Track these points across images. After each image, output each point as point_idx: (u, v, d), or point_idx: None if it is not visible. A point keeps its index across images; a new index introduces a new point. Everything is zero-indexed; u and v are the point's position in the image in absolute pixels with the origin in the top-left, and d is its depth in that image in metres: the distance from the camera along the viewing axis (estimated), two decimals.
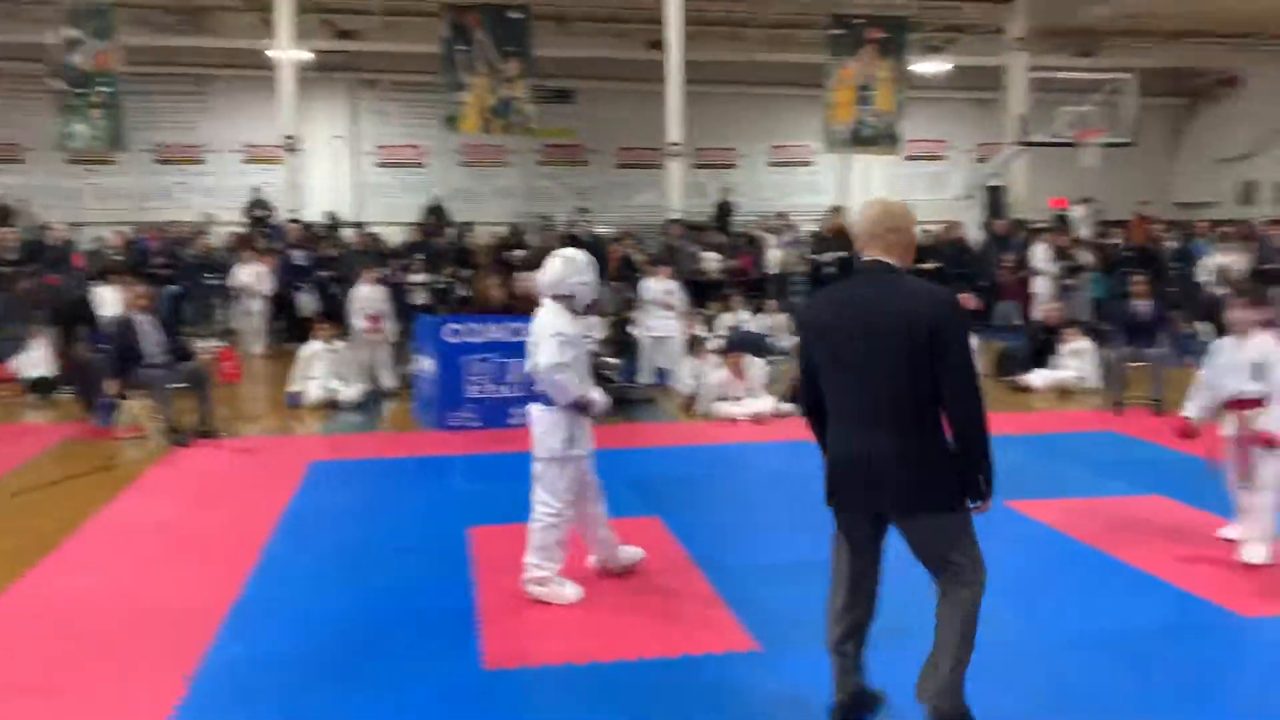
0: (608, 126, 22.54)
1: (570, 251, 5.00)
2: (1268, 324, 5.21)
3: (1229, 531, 5.46)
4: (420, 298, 14.47)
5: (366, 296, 10.50)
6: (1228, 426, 5.29)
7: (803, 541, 5.62)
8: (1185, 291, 14.78)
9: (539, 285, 4.92)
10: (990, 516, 6.05)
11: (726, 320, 13.20)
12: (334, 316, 11.19)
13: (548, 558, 4.77)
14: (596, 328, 12.67)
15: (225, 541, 5.66)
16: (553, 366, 4.65)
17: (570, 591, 4.78)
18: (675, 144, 17.75)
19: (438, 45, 16.92)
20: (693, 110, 18.13)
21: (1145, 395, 9.35)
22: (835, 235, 14.73)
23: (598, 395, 4.88)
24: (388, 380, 10.40)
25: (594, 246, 16.09)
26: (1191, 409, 5.49)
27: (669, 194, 18.21)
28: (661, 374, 10.93)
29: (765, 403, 9.07)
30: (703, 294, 14.46)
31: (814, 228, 17.07)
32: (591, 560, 5.16)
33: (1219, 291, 10.93)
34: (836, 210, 16.57)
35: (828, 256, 14.34)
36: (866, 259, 3.35)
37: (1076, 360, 10.64)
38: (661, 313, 10.58)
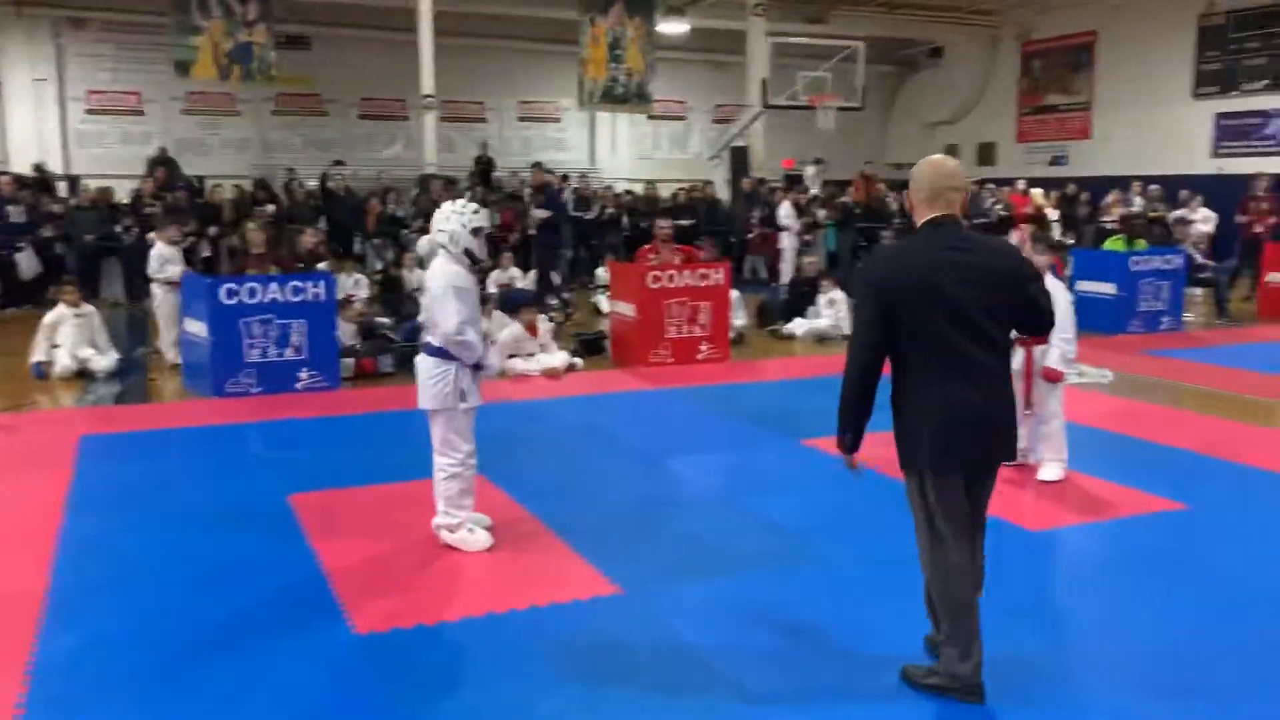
0: (348, 75, 21.55)
1: (459, 202, 4.92)
2: (1049, 267, 5.86)
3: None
4: None
5: (167, 256, 9.53)
6: (1014, 361, 5.91)
7: (631, 488, 5.87)
8: None
9: (432, 236, 4.83)
10: (798, 455, 6.52)
11: (497, 277, 13.15)
12: (64, 279, 10.18)
13: (455, 505, 4.83)
14: (364, 285, 12.32)
15: (9, 526, 5.15)
16: (460, 325, 4.61)
17: (480, 537, 4.84)
18: (429, 96, 17.31)
19: None
20: (440, 62, 17.73)
21: None
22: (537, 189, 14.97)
23: (493, 357, 4.88)
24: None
25: (350, 201, 15.57)
26: None
27: (424, 148, 17.77)
28: None
29: (558, 358, 9.19)
30: None
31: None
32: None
33: None
34: (537, 166, 16.71)
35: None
36: (935, 216, 3.34)
37: (832, 309, 11.44)
38: None
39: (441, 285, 4.65)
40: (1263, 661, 3.69)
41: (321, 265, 10.19)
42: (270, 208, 14.17)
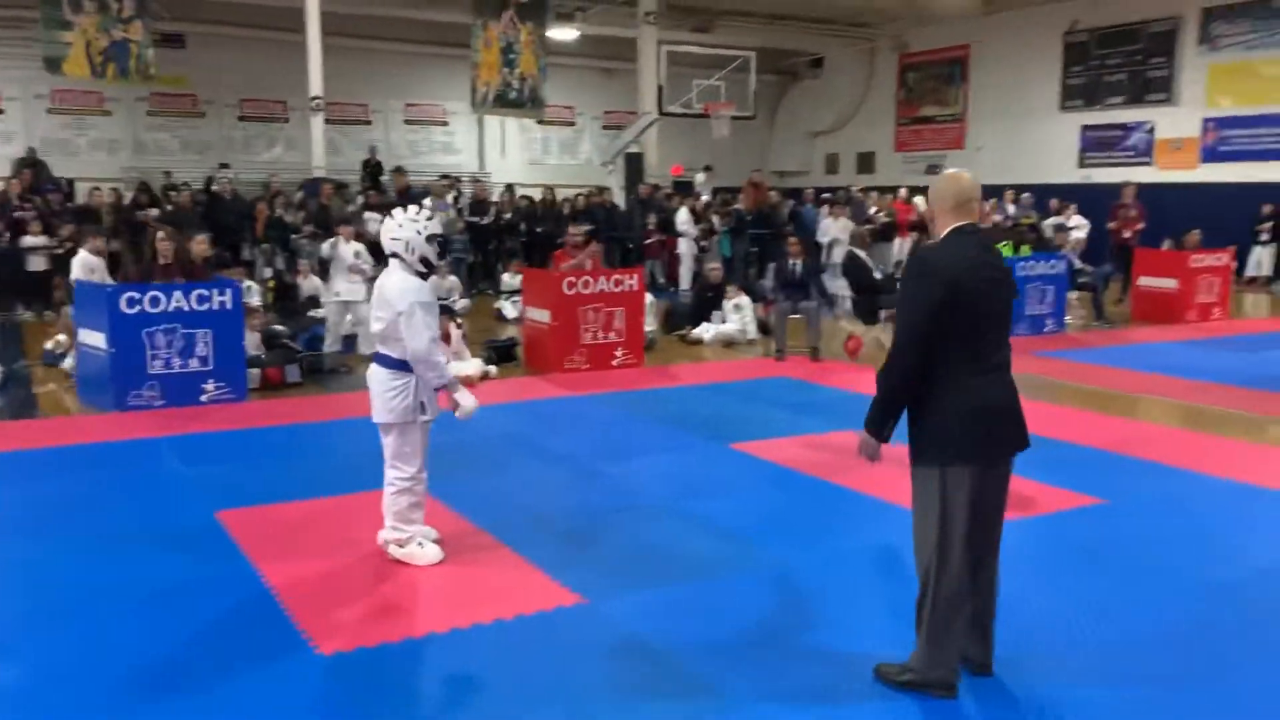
0: (226, 75, 20.88)
1: (411, 209, 4.77)
2: None
3: None
4: (39, 263, 12.79)
5: (93, 265, 8.97)
6: None
7: (572, 496, 5.86)
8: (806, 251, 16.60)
9: (383, 243, 4.71)
10: (730, 459, 6.61)
11: None
12: None
13: (404, 520, 4.74)
14: (255, 293, 11.93)
15: None
16: (430, 345, 4.53)
17: (430, 551, 4.74)
18: (317, 98, 16.86)
19: None
20: (325, 64, 17.29)
21: (803, 344, 10.46)
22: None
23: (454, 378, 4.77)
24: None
25: (236, 206, 15.06)
26: None
27: (311, 151, 17.30)
28: (348, 340, 10.52)
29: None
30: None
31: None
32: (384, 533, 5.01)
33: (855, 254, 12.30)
34: (398, 170, 16.57)
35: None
36: (961, 224, 3.49)
37: (738, 314, 11.63)
38: (350, 276, 10.13)
39: (408, 302, 4.52)
40: (1196, 647, 3.91)
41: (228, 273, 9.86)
42: (153, 212, 13.57)
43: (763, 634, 4.04)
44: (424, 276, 4.69)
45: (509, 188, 18.82)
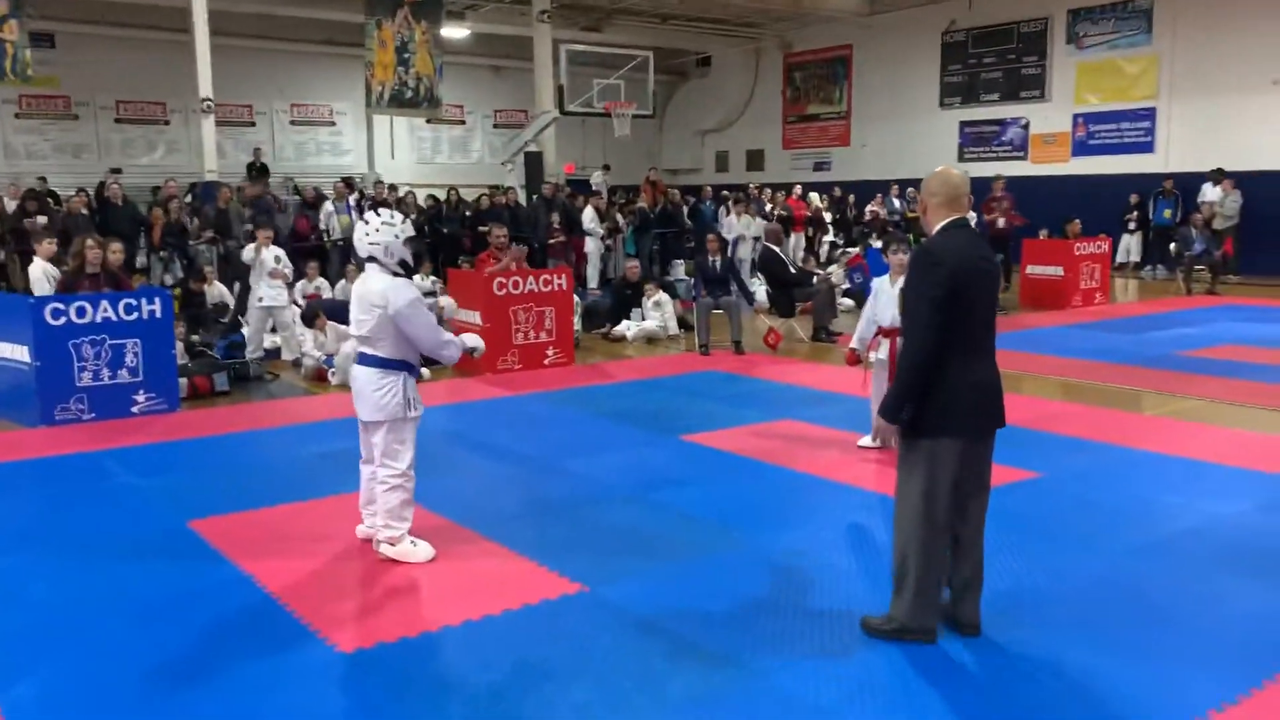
0: (100, 76, 20.16)
1: (384, 212, 4.86)
2: (902, 266, 6.40)
3: (866, 441, 6.68)
4: None
5: (53, 272, 8.54)
6: (880, 350, 6.47)
7: (541, 490, 5.99)
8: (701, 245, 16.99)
9: (357, 247, 4.78)
10: (684, 450, 6.85)
11: (303, 288, 12.72)
12: None
13: (396, 519, 4.81)
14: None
15: None
16: (437, 335, 4.77)
17: (423, 549, 4.83)
18: (207, 100, 16.42)
19: None
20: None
21: (725, 338, 10.77)
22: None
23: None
24: None
25: (129, 211, 14.58)
26: (856, 341, 6.66)
27: (203, 154, 16.83)
28: (267, 350, 10.38)
29: None
30: None
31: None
32: (364, 529, 5.08)
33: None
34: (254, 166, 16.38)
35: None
36: (954, 218, 3.81)
37: (657, 311, 11.87)
38: (272, 281, 9.99)
39: (403, 302, 4.63)
40: (1131, 598, 4.33)
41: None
42: (42, 219, 13.03)
43: (758, 604, 4.28)
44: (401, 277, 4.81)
45: (392, 189, 18.63)
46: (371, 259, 4.78)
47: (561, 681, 3.64)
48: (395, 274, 4.79)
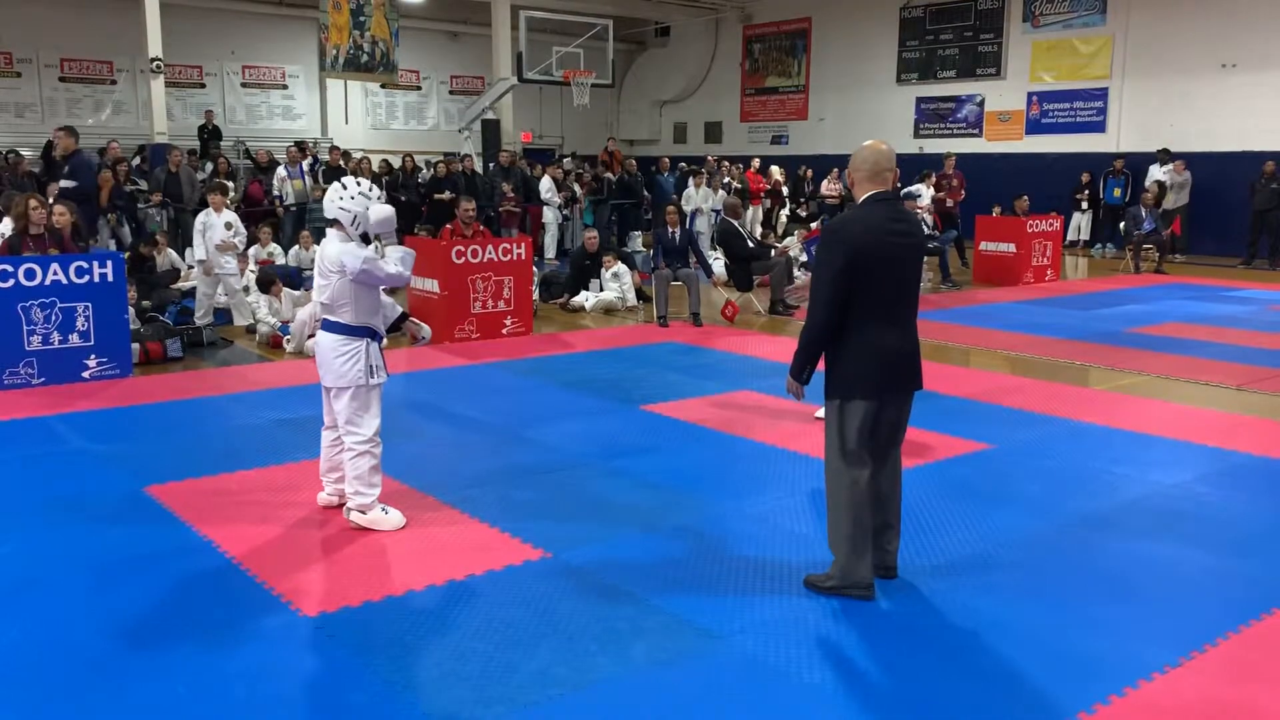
0: (43, 33, 19.64)
1: (359, 182, 4.83)
2: None
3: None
4: None
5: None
6: None
7: (502, 458, 6.01)
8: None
9: (325, 208, 4.75)
10: (644, 420, 6.89)
11: (256, 253, 12.57)
12: None
13: (366, 485, 4.80)
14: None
15: None
16: (400, 270, 4.78)
17: (394, 517, 4.82)
18: (156, 60, 16.10)
19: None
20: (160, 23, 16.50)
21: (683, 310, 10.82)
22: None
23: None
24: None
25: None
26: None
27: (152, 116, 16.52)
28: (220, 313, 10.24)
29: None
30: None
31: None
32: (325, 496, 5.07)
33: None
34: (64, 130, 15.81)
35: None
36: (875, 192, 3.95)
37: (616, 282, 11.88)
38: (224, 248, 9.84)
39: (358, 261, 4.62)
40: (1078, 563, 4.47)
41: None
42: None
43: (719, 570, 4.35)
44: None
45: (346, 156, 18.39)
46: (335, 222, 4.75)
47: (525, 645, 3.67)
48: (350, 240, 4.76)
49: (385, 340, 4.99)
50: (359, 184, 4.79)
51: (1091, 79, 18.64)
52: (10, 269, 7.46)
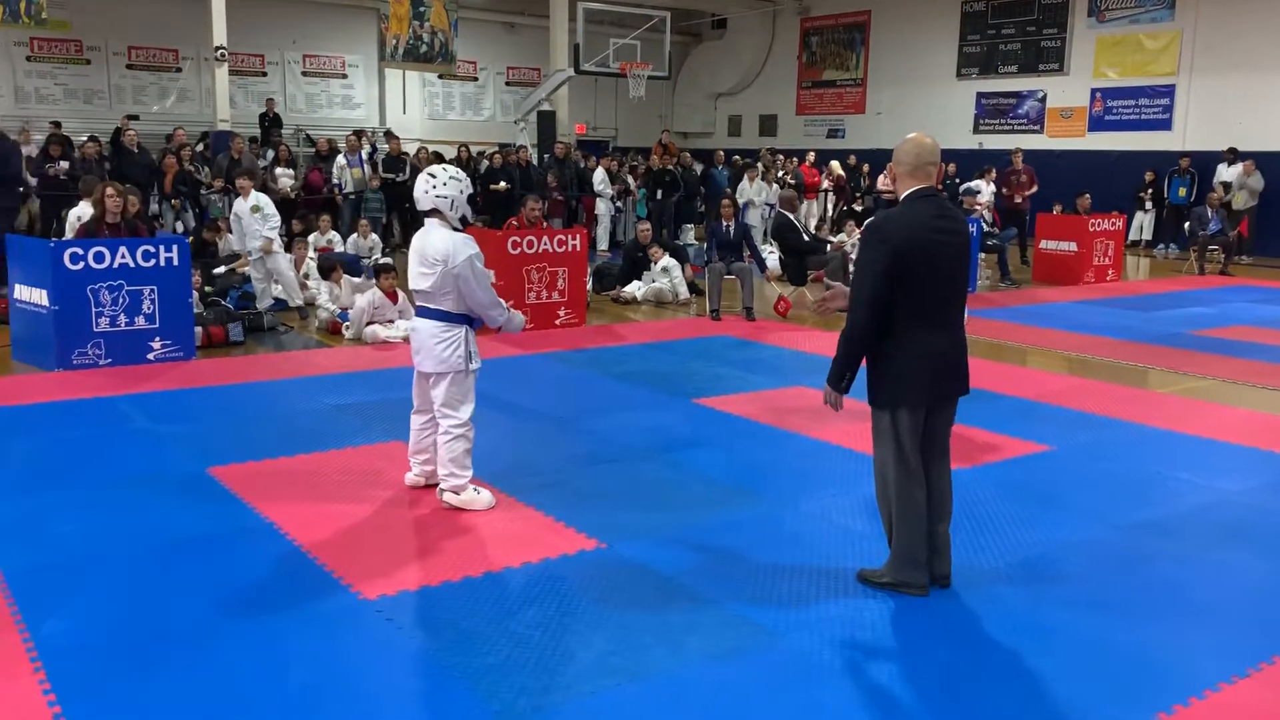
0: (114, 21, 20.02)
1: (449, 167, 4.94)
2: None
3: None
4: None
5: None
6: None
7: (558, 448, 6.06)
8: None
9: (420, 201, 4.82)
10: (698, 413, 6.87)
11: (315, 241, 12.74)
12: None
13: (460, 467, 4.92)
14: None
15: None
16: (491, 293, 4.87)
17: (485, 497, 4.95)
18: (221, 48, 16.37)
19: None
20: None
21: (736, 304, 10.79)
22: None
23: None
24: None
25: (143, 159, 14.55)
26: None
27: (215, 103, 16.81)
28: (279, 299, 10.41)
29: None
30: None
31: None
32: (413, 477, 5.20)
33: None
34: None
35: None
36: (920, 187, 3.83)
37: (665, 276, 11.87)
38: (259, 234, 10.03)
39: (464, 258, 4.71)
40: (1139, 569, 4.40)
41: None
42: (64, 165, 13.01)
43: (774, 565, 4.34)
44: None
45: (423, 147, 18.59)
46: (435, 211, 4.81)
47: (581, 633, 3.70)
48: (454, 229, 4.84)
49: (510, 313, 5.09)
50: (445, 169, 4.88)
51: (1158, 75, 18.26)
52: (80, 251, 7.64)
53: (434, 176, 4.84)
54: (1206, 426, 6.70)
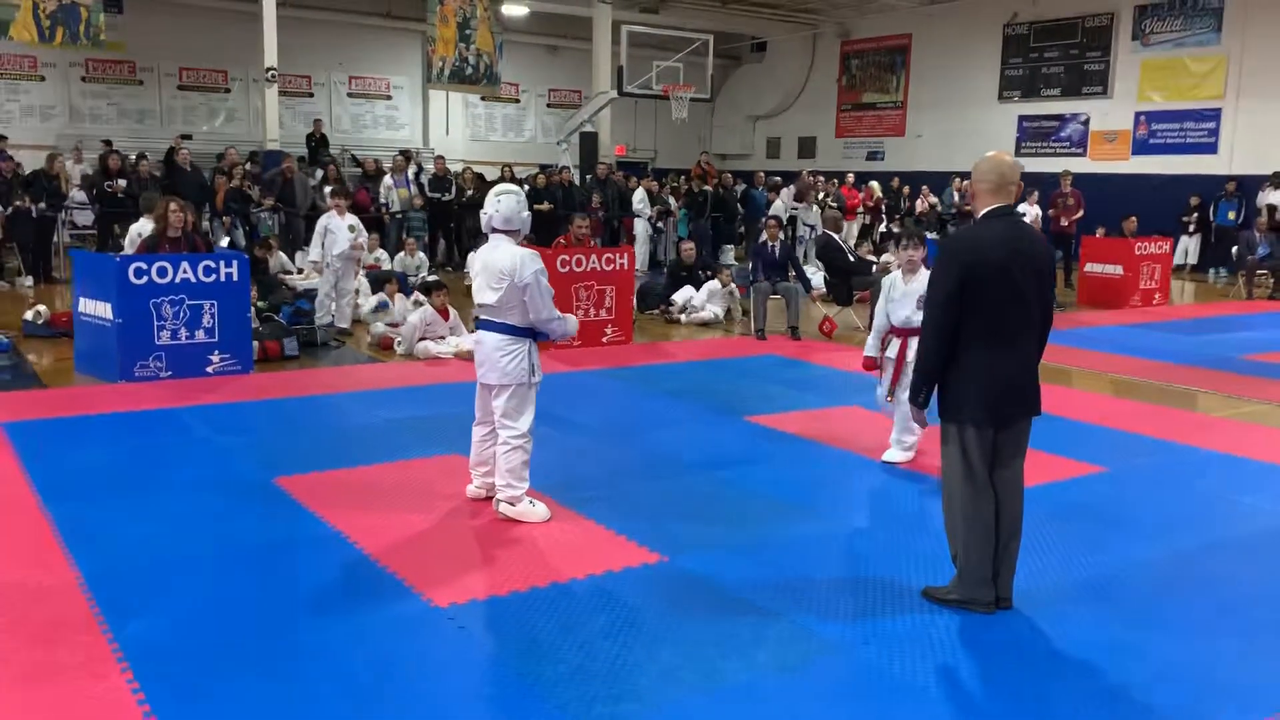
0: (165, 43, 20.45)
1: (512, 185, 5.08)
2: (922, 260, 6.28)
3: (889, 455, 6.20)
4: None
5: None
6: (890, 349, 6.21)
7: (611, 463, 6.10)
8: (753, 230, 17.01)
9: (490, 220, 4.91)
10: (749, 430, 6.89)
11: (364, 260, 12.91)
12: None
13: (517, 478, 4.98)
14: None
15: None
16: (553, 308, 4.94)
17: (541, 510, 5.01)
18: (272, 69, 16.67)
19: None
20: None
21: (782, 323, 10.82)
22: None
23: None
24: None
25: (196, 177, 14.84)
26: (870, 347, 6.42)
27: (264, 123, 17.12)
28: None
29: (470, 340, 9.19)
30: None
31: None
32: (474, 489, 5.29)
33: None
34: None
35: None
36: (998, 206, 3.87)
37: (731, 297, 11.93)
38: (352, 252, 10.21)
39: (531, 273, 4.81)
40: (1203, 592, 4.37)
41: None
42: (122, 182, 13.31)
43: (836, 581, 4.38)
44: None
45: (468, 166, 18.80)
46: (496, 230, 4.95)
47: (648, 645, 3.74)
48: (518, 245, 4.97)
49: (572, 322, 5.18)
50: (507, 186, 5.03)
51: (1204, 99, 18.15)
52: (145, 266, 7.81)
53: (500, 192, 4.95)
54: (1267, 450, 6.64)
